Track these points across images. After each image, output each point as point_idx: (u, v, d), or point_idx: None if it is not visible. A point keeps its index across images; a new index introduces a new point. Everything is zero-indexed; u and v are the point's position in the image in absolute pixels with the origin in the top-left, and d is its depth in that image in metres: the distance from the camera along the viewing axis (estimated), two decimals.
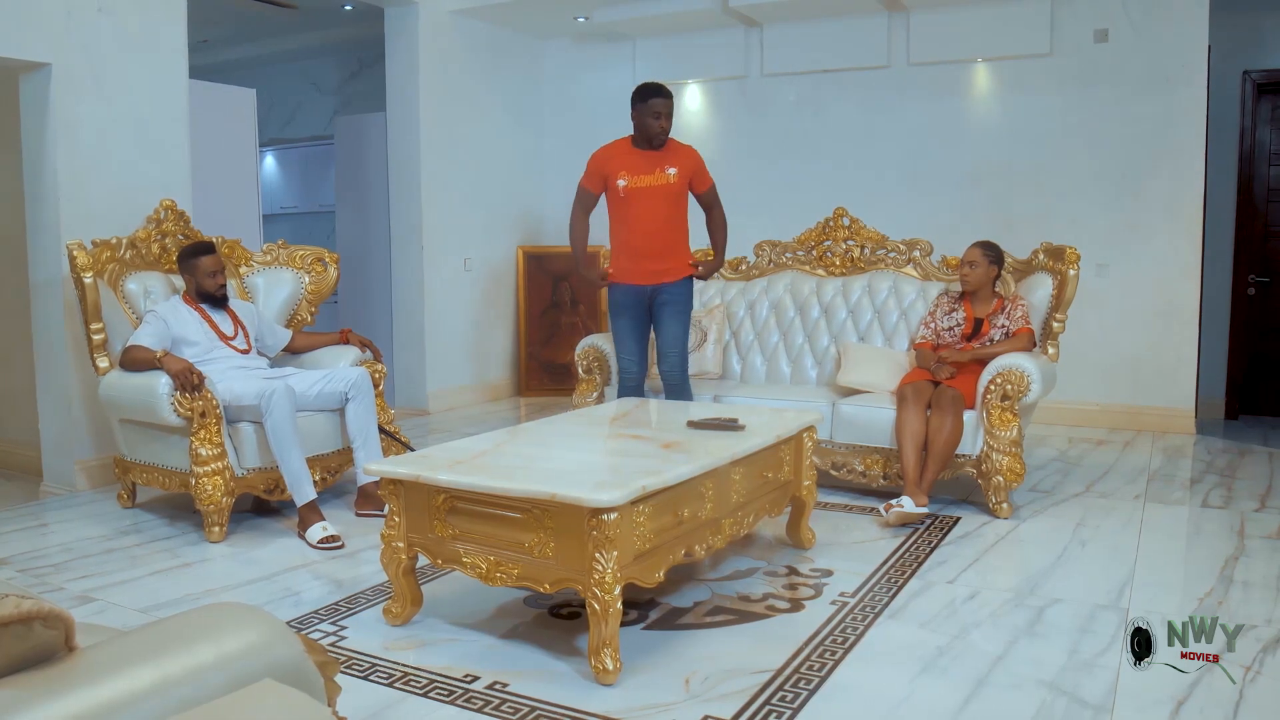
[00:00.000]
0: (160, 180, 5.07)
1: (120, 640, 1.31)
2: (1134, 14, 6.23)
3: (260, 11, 7.64)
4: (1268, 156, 6.99)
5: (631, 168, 4.73)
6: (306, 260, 5.08)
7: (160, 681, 1.20)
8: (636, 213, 4.76)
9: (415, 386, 7.19)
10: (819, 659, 2.86)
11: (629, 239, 4.81)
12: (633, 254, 4.80)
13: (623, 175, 4.73)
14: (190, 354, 4.24)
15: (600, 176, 4.81)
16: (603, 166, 4.80)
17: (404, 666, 2.82)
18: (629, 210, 4.78)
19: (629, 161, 4.75)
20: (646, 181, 4.73)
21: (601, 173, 4.80)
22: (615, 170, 4.75)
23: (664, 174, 4.73)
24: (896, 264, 5.31)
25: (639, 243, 4.79)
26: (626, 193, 4.74)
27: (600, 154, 4.86)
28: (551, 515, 2.73)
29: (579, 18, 7.39)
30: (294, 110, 9.31)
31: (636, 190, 4.73)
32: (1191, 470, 5.31)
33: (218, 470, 3.99)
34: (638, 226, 4.78)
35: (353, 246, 7.58)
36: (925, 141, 6.86)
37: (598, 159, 4.85)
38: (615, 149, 4.84)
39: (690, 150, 4.91)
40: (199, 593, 3.48)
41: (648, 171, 4.73)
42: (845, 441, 4.67)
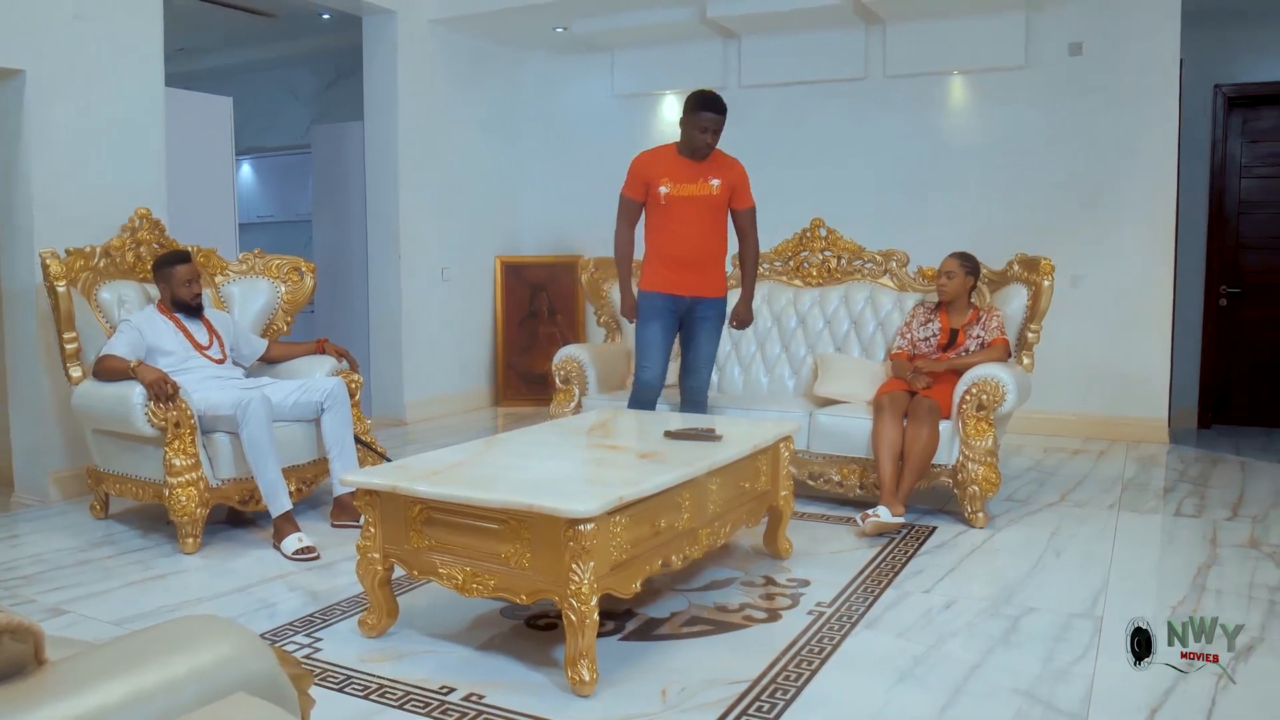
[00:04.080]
0: (136, 188, 5.03)
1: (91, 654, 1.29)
2: (1107, 28, 6.30)
3: (237, 20, 7.62)
4: (1238, 169, 7.08)
5: (675, 175, 4.56)
6: (283, 269, 5.05)
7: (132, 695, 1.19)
8: (677, 221, 4.59)
9: (392, 396, 7.17)
10: (796, 669, 2.87)
11: (668, 248, 4.63)
12: (672, 263, 4.62)
13: (665, 182, 4.55)
14: (165, 364, 4.21)
15: (643, 183, 4.62)
16: (645, 172, 4.62)
17: (380, 679, 2.81)
18: (669, 218, 4.60)
19: (672, 169, 4.58)
20: (689, 191, 4.56)
21: (644, 178, 4.61)
22: (658, 176, 4.57)
23: (707, 184, 4.57)
24: (873, 275, 5.33)
25: (679, 252, 4.61)
26: (668, 200, 4.56)
27: (642, 159, 4.69)
28: (528, 526, 2.72)
29: (558, 28, 7.40)
30: (271, 119, 9.27)
31: (679, 199, 4.56)
32: (1165, 479, 5.36)
33: (192, 481, 3.96)
34: (678, 235, 4.60)
35: (330, 256, 7.55)
36: (902, 153, 6.90)
37: (640, 164, 4.67)
38: (659, 155, 4.67)
39: (736, 164, 4.71)
40: (173, 605, 3.45)
41: (691, 180, 4.56)
42: (822, 451, 4.69)
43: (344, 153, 7.47)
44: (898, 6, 6.40)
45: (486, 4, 6.93)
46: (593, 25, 7.16)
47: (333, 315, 7.60)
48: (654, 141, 7.71)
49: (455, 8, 7.03)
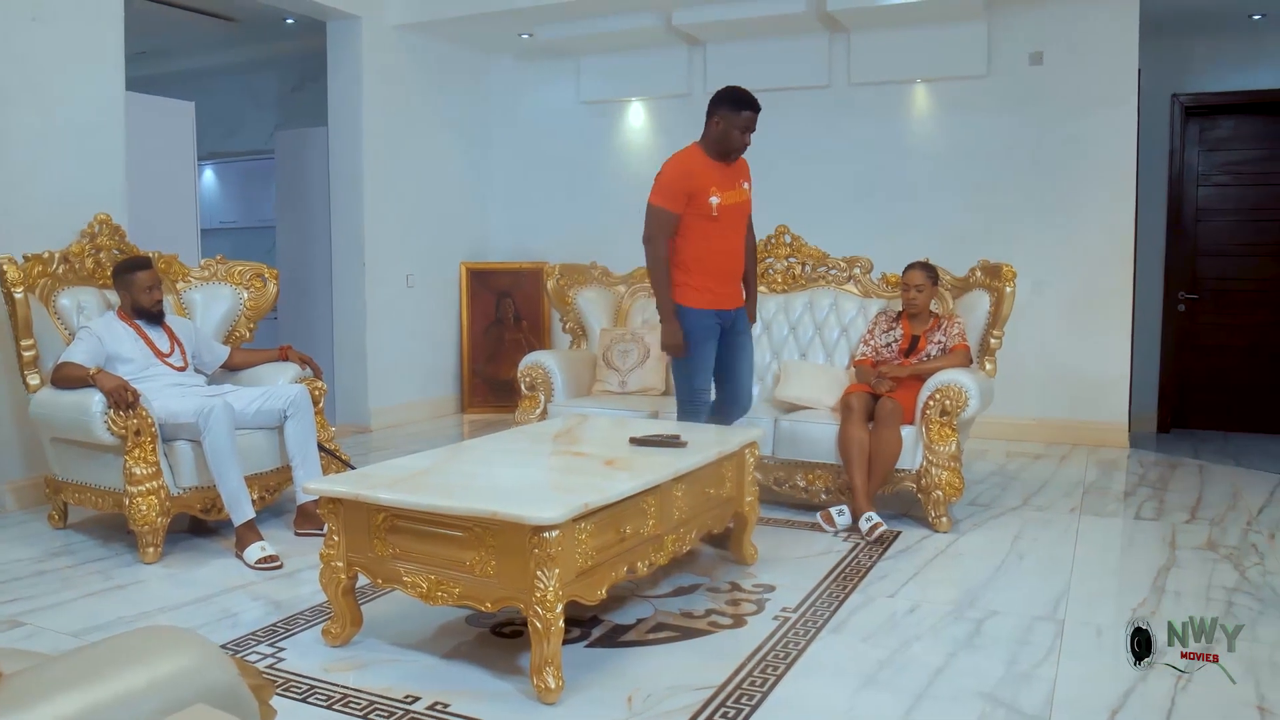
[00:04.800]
0: (95, 193, 4.98)
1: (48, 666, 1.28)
2: (1067, 38, 6.39)
3: (200, 24, 7.55)
4: (1196, 177, 7.20)
5: (719, 183, 4.22)
6: (245, 276, 5.01)
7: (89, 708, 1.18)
8: (724, 232, 4.28)
9: (357, 403, 7.13)
10: (761, 674, 2.88)
11: (716, 261, 4.30)
12: (721, 277, 4.33)
13: (715, 191, 4.19)
14: (125, 371, 4.16)
15: (685, 195, 4.18)
16: (689, 183, 4.19)
17: (343, 688, 2.79)
18: (717, 230, 4.25)
19: (715, 176, 4.23)
20: (732, 199, 4.26)
21: (687, 190, 4.18)
22: (706, 186, 4.19)
23: (741, 189, 4.33)
24: (837, 281, 5.36)
25: (726, 265, 4.35)
26: (720, 211, 4.21)
27: (681, 168, 4.24)
28: (493, 533, 2.71)
29: (523, 34, 7.39)
30: (234, 124, 9.20)
31: (726, 208, 4.24)
32: (1125, 483, 5.42)
33: (153, 490, 3.92)
34: (725, 247, 4.31)
35: (293, 262, 7.50)
36: (866, 160, 6.95)
37: (684, 174, 4.21)
38: (697, 161, 4.25)
39: (744, 162, 4.43)
40: (133, 615, 3.41)
41: (731, 187, 4.27)
42: (787, 457, 4.71)
43: (308, 158, 7.42)
44: (861, 15, 6.45)
45: (451, 9, 6.92)
46: (558, 32, 7.16)
47: (297, 322, 7.54)
48: (621, 149, 7.78)
49: (420, 13, 7.01)
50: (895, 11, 6.37)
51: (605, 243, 7.31)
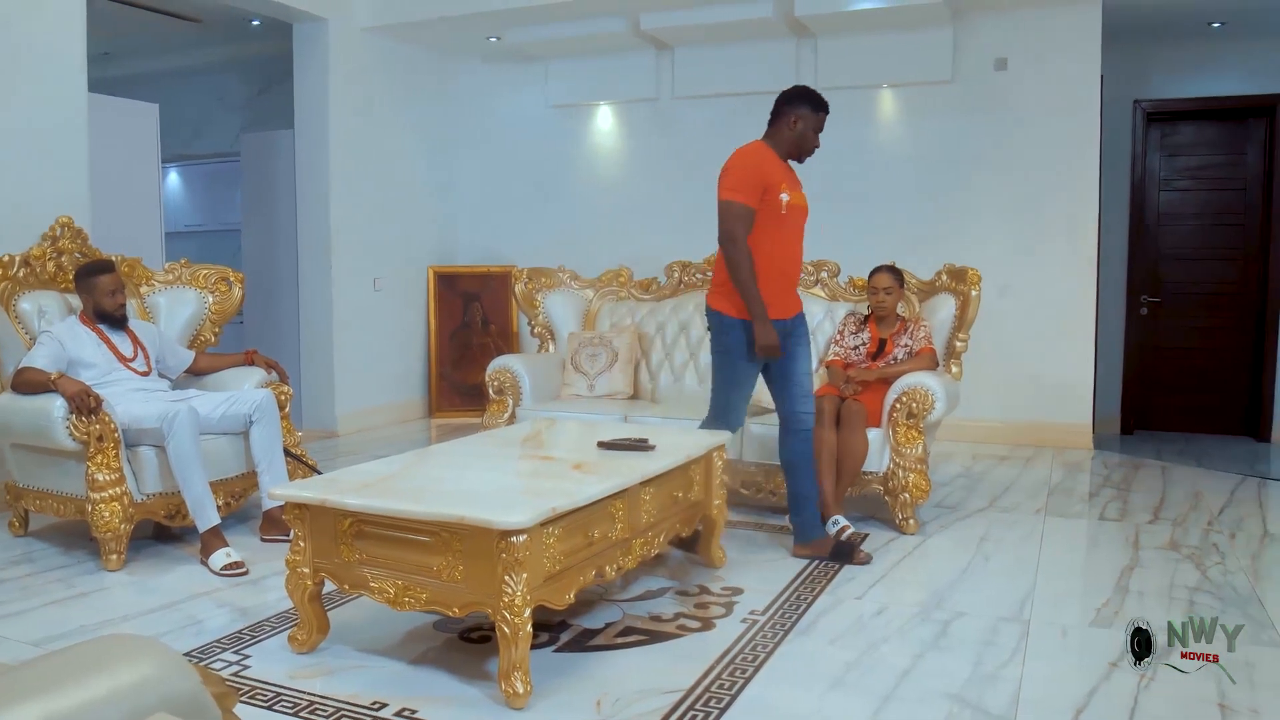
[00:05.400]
0: (57, 196, 4.92)
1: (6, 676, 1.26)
2: (1031, 44, 6.45)
3: (164, 25, 7.48)
4: (1158, 182, 7.30)
5: (789, 182, 3.99)
6: (210, 280, 4.96)
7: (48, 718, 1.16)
8: (790, 234, 4.03)
9: (324, 408, 7.08)
10: (730, 677, 2.88)
11: (781, 266, 4.01)
12: (784, 283, 4.04)
13: (785, 189, 3.94)
14: (87, 376, 4.11)
15: (760, 188, 3.88)
16: (764, 177, 3.90)
17: (310, 695, 2.77)
18: (784, 231, 3.98)
19: (785, 174, 4.00)
20: (798, 200, 4.03)
21: (762, 184, 3.88)
22: (778, 183, 3.92)
23: (803, 192, 4.12)
24: (804, 284, 5.38)
25: (790, 270, 4.09)
26: (788, 210, 3.95)
27: (754, 159, 3.94)
28: (460, 538, 2.70)
29: (491, 38, 7.38)
30: (199, 126, 9.11)
31: (793, 208, 3.99)
32: (1089, 484, 5.48)
33: (115, 496, 3.87)
34: (789, 252, 4.05)
35: (259, 266, 7.44)
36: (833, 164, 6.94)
37: (757, 165, 3.92)
38: (767, 156, 3.97)
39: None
40: (95, 624, 3.36)
41: (798, 188, 4.05)
42: (755, 461, 4.72)
43: (274, 161, 7.37)
44: (828, 20, 6.49)
45: (419, 12, 6.90)
46: (526, 35, 7.15)
47: (262, 326, 7.48)
48: (590, 152, 7.78)
49: (387, 16, 6.98)
50: (862, 17, 6.41)
51: (574, 246, 7.33)
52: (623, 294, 5.76)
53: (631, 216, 7.59)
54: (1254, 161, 7.12)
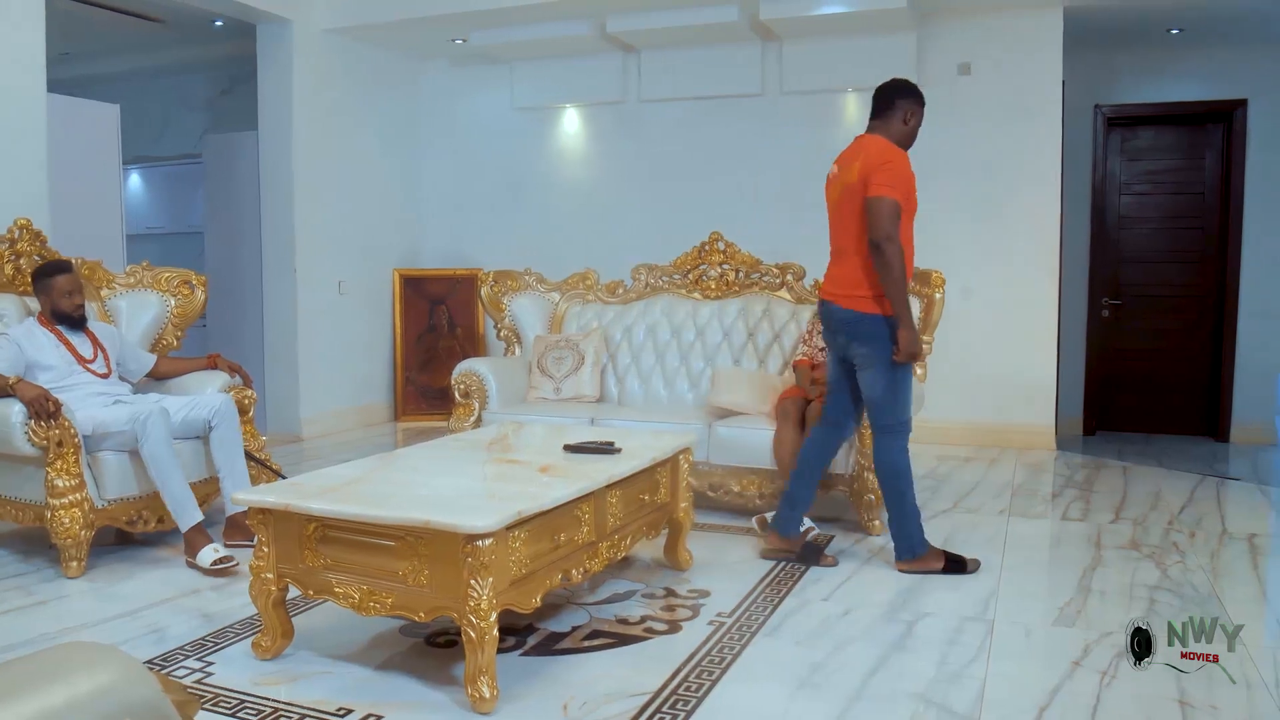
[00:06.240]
0: (15, 198, 4.85)
1: None
2: (994, 50, 6.52)
3: (126, 25, 7.40)
4: (1118, 186, 7.39)
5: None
6: (172, 283, 4.91)
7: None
8: (910, 234, 3.84)
9: (288, 412, 7.02)
10: (697, 679, 2.88)
11: (911, 267, 3.85)
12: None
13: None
14: (46, 379, 4.05)
15: (908, 187, 3.74)
16: (911, 174, 3.78)
17: (274, 702, 2.74)
18: (909, 231, 3.81)
19: None
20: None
21: (910, 182, 3.75)
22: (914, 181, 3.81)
23: None
24: (770, 287, 5.41)
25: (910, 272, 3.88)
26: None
27: (903, 155, 3.78)
28: (425, 542, 2.69)
29: (456, 40, 7.35)
30: (161, 127, 9.02)
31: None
32: (1052, 485, 5.54)
33: (76, 502, 3.82)
34: (912, 253, 3.85)
35: (222, 269, 7.38)
36: (799, 167, 7.02)
37: (906, 163, 3.76)
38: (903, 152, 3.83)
39: None
40: (55, 632, 3.32)
41: None
42: (722, 463, 4.73)
43: (237, 163, 7.31)
44: (794, 24, 6.52)
45: (383, 14, 6.87)
46: (491, 38, 7.14)
47: (226, 329, 7.42)
48: (556, 154, 7.77)
49: (351, 17, 6.94)
50: (827, 21, 6.44)
51: (540, 249, 7.32)
52: (589, 297, 5.76)
53: (598, 219, 7.60)
54: (1212, 166, 7.22)
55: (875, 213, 3.66)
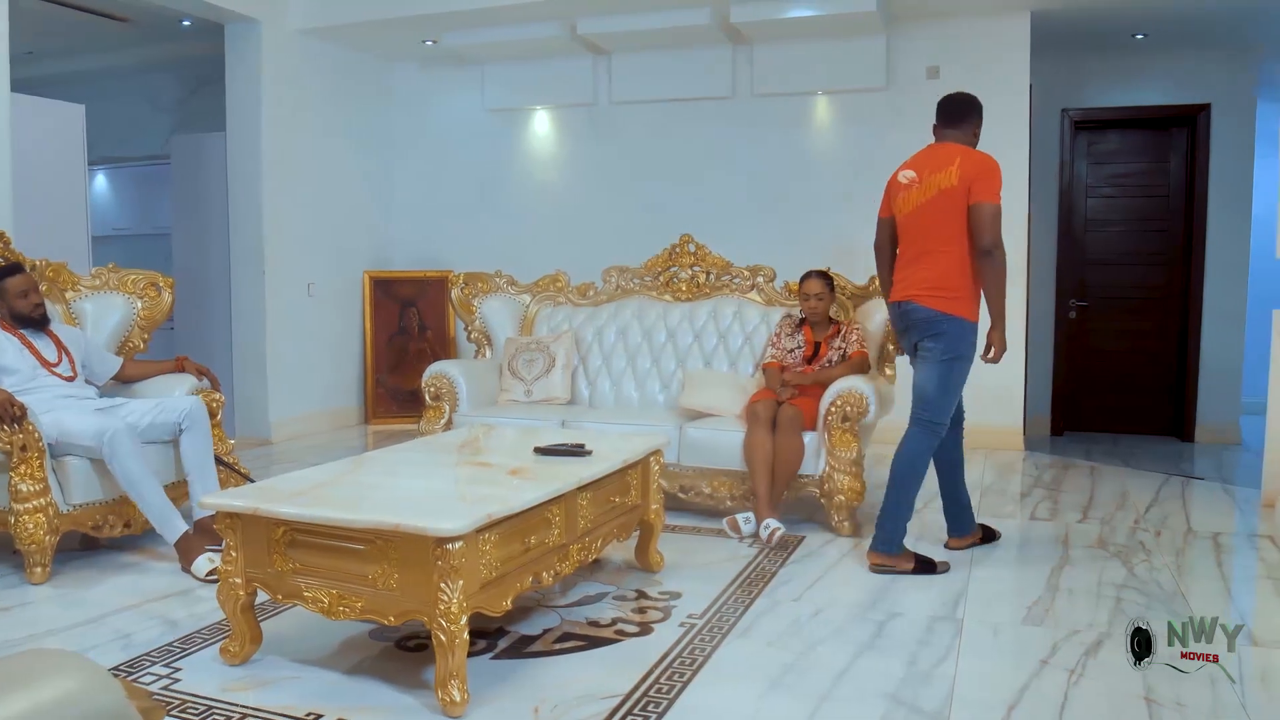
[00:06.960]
0: None
1: None
2: (962, 53, 6.57)
3: (91, 24, 7.31)
4: (1085, 189, 7.46)
5: None
6: (139, 285, 4.86)
7: None
8: None
9: (257, 415, 6.97)
10: (668, 681, 2.89)
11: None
12: None
13: None
14: (10, 382, 4.00)
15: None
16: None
17: (243, 708, 2.72)
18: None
19: None
20: None
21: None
22: None
23: None
24: (741, 289, 5.42)
25: None
26: None
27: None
28: (395, 546, 2.68)
29: (427, 41, 7.33)
30: (128, 128, 8.92)
31: None
32: (1021, 485, 5.58)
33: (40, 507, 3.77)
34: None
35: (190, 270, 7.31)
36: (770, 170, 7.05)
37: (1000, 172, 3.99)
38: None
39: None
40: (19, 639, 3.28)
41: None
42: (693, 465, 4.74)
43: (205, 164, 7.25)
44: (764, 27, 6.54)
45: (353, 15, 6.83)
46: (462, 39, 7.12)
47: (194, 332, 7.35)
48: (527, 156, 7.76)
49: (322, 18, 6.90)
50: (797, 25, 6.47)
51: (511, 251, 7.31)
52: (560, 299, 5.75)
53: (569, 221, 7.59)
54: (1177, 169, 7.31)
55: (988, 219, 3.89)
